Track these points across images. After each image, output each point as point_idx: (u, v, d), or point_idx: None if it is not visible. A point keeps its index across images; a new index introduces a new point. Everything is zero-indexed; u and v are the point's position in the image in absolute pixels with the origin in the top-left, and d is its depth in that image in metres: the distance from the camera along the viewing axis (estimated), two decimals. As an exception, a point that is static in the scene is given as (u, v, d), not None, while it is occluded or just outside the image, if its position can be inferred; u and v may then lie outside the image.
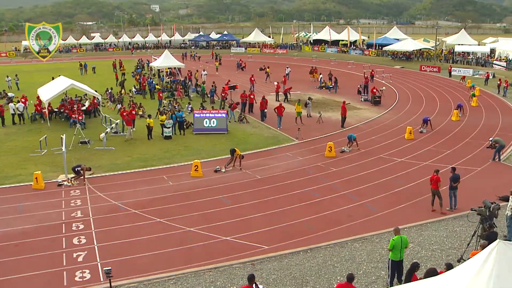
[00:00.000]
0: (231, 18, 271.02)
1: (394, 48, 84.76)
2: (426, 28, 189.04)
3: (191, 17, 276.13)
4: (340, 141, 31.54)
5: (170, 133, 32.99)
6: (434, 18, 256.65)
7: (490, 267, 8.11)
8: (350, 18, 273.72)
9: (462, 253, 16.03)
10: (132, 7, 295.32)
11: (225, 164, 26.80)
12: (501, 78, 52.63)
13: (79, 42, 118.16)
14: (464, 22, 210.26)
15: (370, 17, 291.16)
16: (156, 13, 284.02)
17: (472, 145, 30.74)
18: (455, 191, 20.45)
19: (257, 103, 39.66)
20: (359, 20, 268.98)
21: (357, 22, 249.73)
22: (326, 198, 21.93)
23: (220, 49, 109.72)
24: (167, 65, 58.33)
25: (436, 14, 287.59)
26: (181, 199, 21.95)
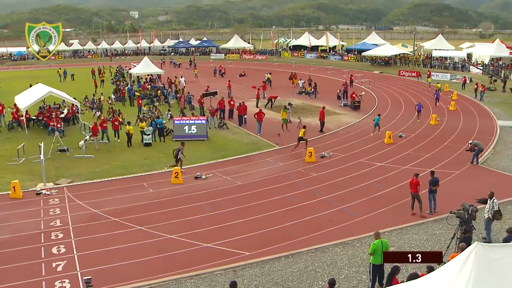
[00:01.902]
0: (211, 25, 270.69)
1: (373, 53, 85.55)
2: (404, 34, 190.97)
3: (170, 23, 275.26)
4: (320, 146, 31.72)
5: (150, 140, 32.84)
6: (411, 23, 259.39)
7: (469, 269, 8.24)
8: (329, 24, 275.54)
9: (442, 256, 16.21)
10: (110, 14, 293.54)
11: (292, 149, 30.42)
12: (478, 83, 53.38)
13: (57, 49, 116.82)
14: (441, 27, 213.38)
15: (349, 23, 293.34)
16: (135, 20, 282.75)
17: (450, 148, 31.13)
18: (434, 195, 20.69)
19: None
20: (338, 25, 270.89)
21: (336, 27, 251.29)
22: (307, 204, 22.00)
23: (200, 55, 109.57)
24: (147, 72, 58.14)
25: (414, 19, 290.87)
26: (162, 207, 21.85)
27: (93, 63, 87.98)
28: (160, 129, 34.09)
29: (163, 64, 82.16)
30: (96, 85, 57.64)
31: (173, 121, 35.11)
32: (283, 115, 36.72)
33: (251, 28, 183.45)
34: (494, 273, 8.29)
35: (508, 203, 21.60)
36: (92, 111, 43.53)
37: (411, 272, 13.54)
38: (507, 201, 21.78)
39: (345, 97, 48.44)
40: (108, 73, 70.86)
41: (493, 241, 16.94)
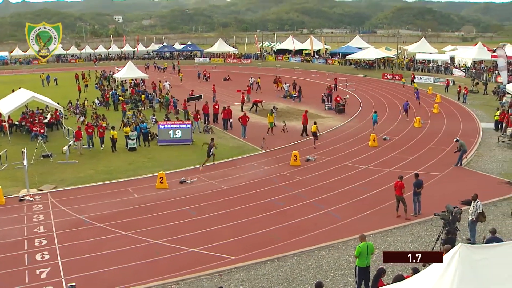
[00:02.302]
0: (195, 29, 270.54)
1: (357, 56, 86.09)
2: (387, 37, 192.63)
3: (154, 27, 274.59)
4: (305, 149, 31.80)
5: (134, 144, 32.69)
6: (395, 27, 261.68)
7: (453, 270, 8.32)
8: (313, 27, 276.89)
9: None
10: (94, 18, 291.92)
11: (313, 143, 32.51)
12: (461, 85, 53.93)
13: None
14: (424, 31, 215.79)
15: (333, 27, 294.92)
16: (119, 24, 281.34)
17: (434, 151, 31.39)
18: (418, 197, 20.82)
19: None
20: (322, 29, 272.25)
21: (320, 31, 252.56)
22: (292, 207, 22.03)
23: (184, 59, 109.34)
24: (131, 76, 57.91)
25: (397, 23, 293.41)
26: (147, 212, 21.73)
27: (77, 67, 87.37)
28: (145, 134, 33.95)
29: (147, 69, 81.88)
30: (80, 90, 57.25)
31: (158, 126, 34.99)
32: (270, 118, 36.76)
33: (236, 32, 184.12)
34: (478, 274, 8.37)
35: (491, 204, 21.82)
36: (76, 116, 43.23)
37: (397, 274, 13.61)
38: (490, 202, 22.00)
39: (330, 101, 48.65)
40: (94, 78, 70.51)
41: (477, 242, 17.07)
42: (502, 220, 20.18)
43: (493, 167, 27.69)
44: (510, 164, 28.26)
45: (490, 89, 55.93)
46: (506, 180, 24.54)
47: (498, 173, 26.61)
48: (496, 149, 31.81)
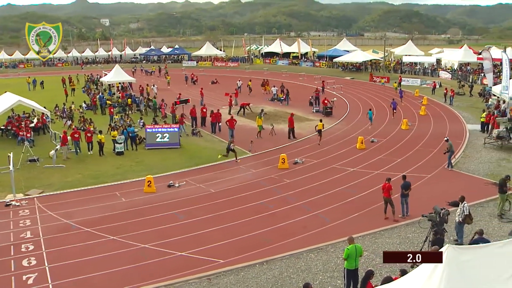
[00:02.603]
0: (182, 32, 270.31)
1: (344, 59, 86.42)
2: (374, 40, 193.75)
3: (141, 31, 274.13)
4: (293, 152, 31.84)
5: (122, 148, 32.55)
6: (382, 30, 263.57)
7: (440, 271, 8.40)
8: (301, 30, 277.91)
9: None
10: (81, 22, 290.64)
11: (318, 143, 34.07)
12: (447, 87, 54.32)
13: (26, 57, 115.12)
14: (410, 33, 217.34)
15: (320, 30, 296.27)
16: (106, 27, 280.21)
17: (421, 152, 31.57)
18: (406, 198, 20.92)
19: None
20: (309, 32, 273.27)
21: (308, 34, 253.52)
22: (280, 210, 22.04)
23: (172, 63, 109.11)
24: (118, 80, 57.71)
25: (384, 26, 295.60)
26: (135, 216, 21.63)
27: (64, 71, 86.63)
28: (132, 138, 33.82)
29: (134, 72, 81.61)
30: (67, 94, 56.90)
31: (145, 129, 34.86)
32: (259, 122, 36.73)
33: (223, 36, 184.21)
34: (466, 275, 8.45)
35: (478, 205, 22.00)
36: (63, 120, 42.96)
37: (385, 276, 13.68)
38: (477, 203, 22.18)
39: (317, 103, 48.78)
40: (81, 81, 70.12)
41: (464, 243, 17.18)
42: (488, 221, 20.36)
43: (480, 169, 27.91)
44: (496, 165, 28.51)
45: (476, 91, 56.43)
46: (493, 181, 24.71)
47: (484, 174, 26.83)
48: (483, 150, 32.06)
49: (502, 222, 20.30)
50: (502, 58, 42.48)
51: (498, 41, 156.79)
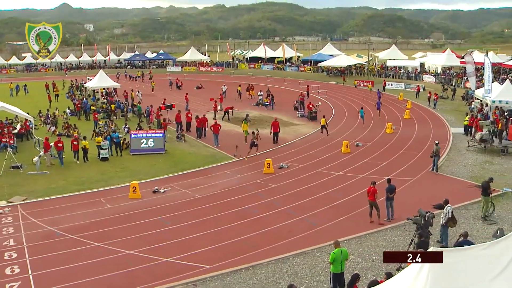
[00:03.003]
0: (167, 37, 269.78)
1: (329, 64, 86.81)
2: (359, 44, 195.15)
3: (126, 36, 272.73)
4: (278, 157, 31.88)
5: (106, 154, 32.35)
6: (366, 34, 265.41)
7: (425, 273, 8.47)
8: (285, 35, 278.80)
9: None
10: (65, 27, 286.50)
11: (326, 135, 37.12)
12: (431, 91, 54.80)
13: (8, 62, 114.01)
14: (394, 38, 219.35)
15: (305, 34, 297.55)
16: (90, 33, 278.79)
17: (406, 156, 31.80)
18: (391, 202, 21.03)
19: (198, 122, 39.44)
20: (294, 37, 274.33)
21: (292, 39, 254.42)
22: (266, 215, 22.06)
23: (156, 68, 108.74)
24: (102, 86, 57.41)
25: (368, 30, 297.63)
26: (120, 222, 21.51)
27: (47, 77, 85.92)
28: (117, 143, 33.63)
29: (119, 78, 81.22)
30: (50, 100, 56.41)
31: (130, 135, 34.71)
32: (244, 127, 36.68)
33: (208, 41, 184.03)
34: (450, 277, 8.52)
35: (462, 208, 22.21)
36: (47, 126, 42.60)
37: (371, 280, 13.73)
38: (461, 205, 22.41)
39: (302, 108, 48.93)
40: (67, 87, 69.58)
41: (449, 246, 17.31)
42: (472, 223, 20.56)
43: (464, 171, 28.18)
44: (480, 168, 28.85)
45: (459, 95, 57.01)
46: (476, 183, 24.90)
47: (468, 177, 27.10)
48: (466, 153, 32.39)
49: (486, 224, 20.50)
50: (484, 62, 42.96)
51: (480, 45, 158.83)
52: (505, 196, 23.75)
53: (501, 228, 18.61)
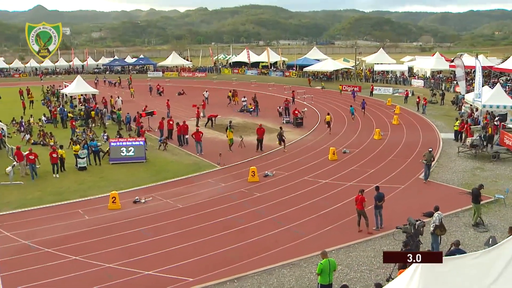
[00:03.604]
0: (147, 41, 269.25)
1: (315, 68, 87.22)
2: (345, 48, 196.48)
3: (104, 40, 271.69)
4: (263, 165, 31.89)
5: (84, 164, 32.08)
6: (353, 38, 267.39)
7: (416, 284, 8.49)
8: (270, 39, 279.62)
9: (390, 272, 16.44)
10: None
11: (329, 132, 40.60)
12: (420, 96, 55.22)
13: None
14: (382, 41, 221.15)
15: (290, 38, 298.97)
16: (67, 36, 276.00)
17: (395, 163, 31.98)
18: (380, 210, 21.09)
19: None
20: (278, 41, 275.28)
21: (277, 43, 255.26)
22: (252, 224, 22.03)
23: (137, 73, 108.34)
24: (80, 92, 57.07)
25: (355, 34, 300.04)
26: (99, 234, 21.32)
27: (21, 82, 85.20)
28: (95, 152, 33.39)
29: (97, 83, 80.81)
30: (25, 106, 55.87)
31: (109, 143, 34.49)
32: (230, 135, 36.56)
33: (190, 45, 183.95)
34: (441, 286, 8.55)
35: (454, 215, 22.37)
36: (21, 134, 42.16)
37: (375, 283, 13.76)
38: (453, 213, 22.57)
39: (287, 114, 49.00)
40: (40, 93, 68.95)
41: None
42: (464, 231, 20.69)
43: (454, 178, 28.40)
44: (471, 174, 29.09)
45: (449, 99, 57.48)
46: (467, 190, 25.04)
47: (459, 183, 27.32)
48: (457, 159, 32.67)
49: (478, 232, 20.65)
50: (475, 65, 43.42)
51: (470, 48, 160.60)
52: (497, 203, 23.97)
53: (493, 236, 18.72)
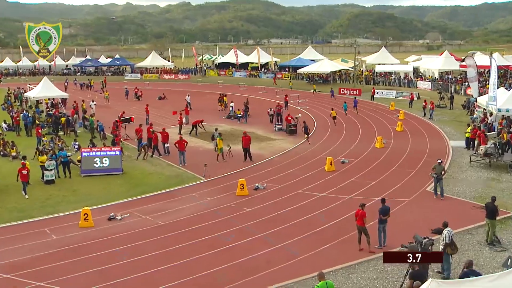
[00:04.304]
0: (124, 40, 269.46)
1: (310, 70, 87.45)
2: (344, 47, 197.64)
3: (75, 38, 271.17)
4: (253, 176, 31.83)
5: (52, 176, 31.85)
6: (352, 36, 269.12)
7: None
8: (260, 38, 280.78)
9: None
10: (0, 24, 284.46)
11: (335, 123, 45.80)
12: (426, 100, 55.34)
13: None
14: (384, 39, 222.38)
15: (282, 36, 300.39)
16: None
17: (399, 174, 32.01)
18: (384, 226, 20.94)
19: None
20: (270, 40, 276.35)
21: (268, 42, 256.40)
22: (241, 243, 21.94)
23: (112, 75, 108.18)
24: (47, 95, 56.84)
25: (354, 31, 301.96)
26: (68, 256, 21.08)
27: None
28: (65, 163, 33.18)
29: (67, 86, 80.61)
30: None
31: (81, 153, 34.29)
32: (220, 143, 36.38)
33: (171, 44, 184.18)
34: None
35: (466, 232, 22.29)
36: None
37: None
38: (465, 230, 22.49)
39: (280, 120, 49.01)
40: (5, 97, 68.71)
41: (452, 277, 17.27)
42: (478, 250, 20.60)
43: (466, 190, 28.43)
44: (485, 187, 29.12)
45: (459, 103, 57.63)
46: (481, 204, 24.85)
47: (471, 196, 27.33)
48: (469, 169, 32.73)
49: (494, 251, 20.49)
50: (490, 65, 43.41)
51: (483, 46, 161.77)
52: (516, 219, 23.95)
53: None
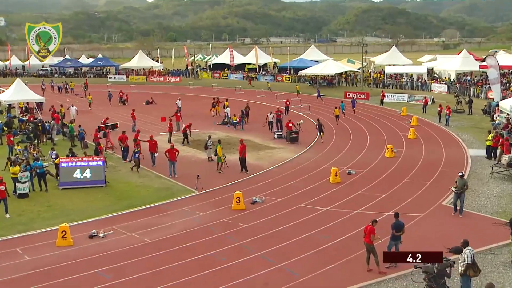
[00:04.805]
0: (107, 38, 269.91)
1: (313, 72, 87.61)
2: (350, 46, 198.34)
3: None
4: (250, 189, 31.78)
5: (26, 189, 31.71)
6: (359, 34, 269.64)
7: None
8: (258, 36, 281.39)
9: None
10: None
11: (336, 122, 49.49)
12: (442, 104, 55.31)
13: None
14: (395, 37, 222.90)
15: (283, 35, 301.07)
16: (2, 29, 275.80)
17: (411, 186, 31.96)
18: (397, 243, 20.74)
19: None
20: (269, 38, 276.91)
21: (267, 41, 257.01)
22: (236, 263, 21.87)
23: (94, 77, 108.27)
24: (21, 99, 56.81)
25: (362, 29, 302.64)
26: (43, 278, 20.92)
27: None
28: (40, 175, 33.05)
29: (44, 89, 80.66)
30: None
31: (59, 164, 34.18)
32: (219, 151, 36.24)
33: (160, 43, 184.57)
34: None
35: (488, 252, 22.16)
36: None
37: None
38: (486, 249, 22.36)
39: (280, 127, 48.96)
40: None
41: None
42: (503, 273, 20.42)
43: (487, 205, 28.34)
44: (509, 200, 28.99)
45: (479, 107, 57.55)
46: (505, 220, 24.58)
47: (493, 211, 27.25)
48: (490, 181, 32.66)
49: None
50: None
51: (506, 44, 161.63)
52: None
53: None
